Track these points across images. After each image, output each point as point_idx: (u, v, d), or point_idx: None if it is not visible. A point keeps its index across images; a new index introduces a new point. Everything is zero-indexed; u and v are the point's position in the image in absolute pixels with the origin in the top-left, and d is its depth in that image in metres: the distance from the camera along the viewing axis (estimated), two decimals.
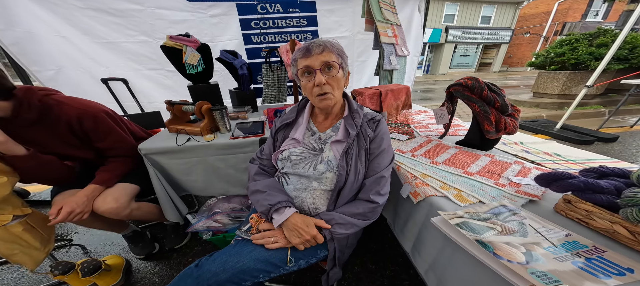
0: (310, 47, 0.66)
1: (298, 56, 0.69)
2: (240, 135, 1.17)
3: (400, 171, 0.88)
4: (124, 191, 1.01)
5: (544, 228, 0.55)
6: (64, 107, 0.88)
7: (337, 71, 0.69)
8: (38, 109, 0.84)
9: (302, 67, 0.68)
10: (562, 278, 0.42)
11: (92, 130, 0.93)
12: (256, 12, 2.07)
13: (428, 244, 0.70)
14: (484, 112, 0.90)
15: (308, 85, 0.69)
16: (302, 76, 0.70)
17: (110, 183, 0.99)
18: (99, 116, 0.95)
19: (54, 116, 0.87)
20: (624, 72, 4.07)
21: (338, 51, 0.69)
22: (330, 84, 0.68)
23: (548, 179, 0.63)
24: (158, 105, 2.08)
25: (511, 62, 18.09)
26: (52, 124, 0.87)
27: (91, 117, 0.93)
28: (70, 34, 1.81)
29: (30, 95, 0.83)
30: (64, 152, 0.95)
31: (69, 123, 0.89)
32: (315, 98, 0.70)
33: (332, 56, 0.67)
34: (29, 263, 0.89)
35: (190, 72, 1.42)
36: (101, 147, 0.99)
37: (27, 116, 0.82)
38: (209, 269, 0.60)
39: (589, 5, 13.94)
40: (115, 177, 1.01)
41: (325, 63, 0.66)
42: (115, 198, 0.96)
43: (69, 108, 0.89)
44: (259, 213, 0.74)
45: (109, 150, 1.01)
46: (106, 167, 1.01)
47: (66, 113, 0.88)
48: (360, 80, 2.63)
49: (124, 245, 1.34)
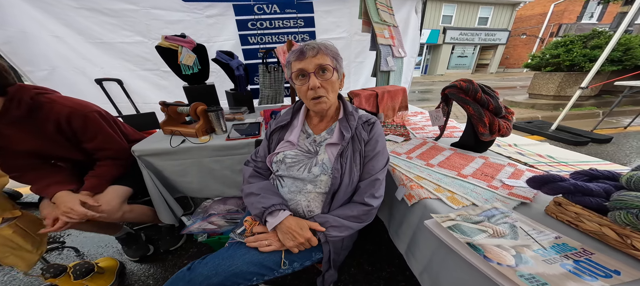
0: (304, 50, 0.66)
1: (292, 59, 0.68)
2: (237, 137, 1.17)
3: (395, 173, 0.88)
4: (116, 194, 0.99)
5: (535, 231, 0.55)
6: (55, 105, 0.87)
7: (331, 74, 0.68)
8: (28, 106, 0.82)
9: (296, 70, 0.68)
10: (549, 280, 0.42)
11: (81, 129, 0.91)
12: (253, 13, 2.07)
13: (422, 246, 0.71)
14: (478, 114, 0.91)
15: (302, 88, 0.69)
16: (296, 79, 0.69)
17: (100, 188, 0.97)
18: (90, 116, 0.93)
19: (43, 114, 0.85)
20: (617, 74, 4.13)
21: (332, 54, 0.69)
22: (324, 87, 0.68)
23: (540, 182, 0.63)
24: (153, 106, 2.05)
25: (508, 63, 18.26)
26: (40, 122, 0.85)
27: (81, 116, 0.91)
28: (64, 33, 1.79)
29: (22, 92, 0.81)
30: (50, 152, 0.92)
31: (58, 121, 0.87)
32: (310, 101, 0.70)
33: (326, 59, 0.67)
34: (21, 265, 0.88)
35: (185, 72, 1.41)
36: (90, 148, 0.97)
37: (14, 113, 0.80)
38: (201, 272, 0.60)
39: (584, 7, 14.12)
40: (105, 182, 0.99)
41: (319, 66, 0.66)
42: (106, 201, 0.95)
43: (60, 107, 0.87)
44: (253, 216, 0.73)
45: (98, 151, 0.99)
46: (95, 172, 0.99)
47: (56, 112, 0.86)
48: (357, 82, 2.63)
49: (117, 247, 1.33)
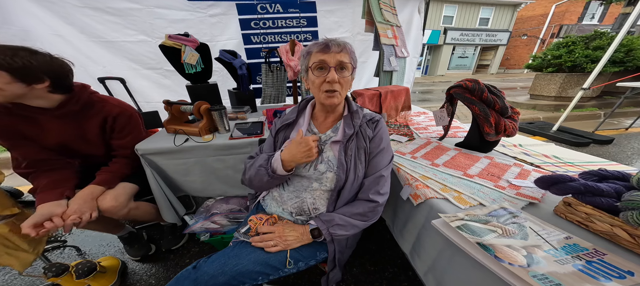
0: (330, 44, 0.65)
1: (314, 50, 0.67)
2: (239, 136, 1.16)
3: (400, 173, 0.88)
4: (124, 190, 1.00)
5: (544, 231, 0.55)
6: (107, 104, 0.97)
7: (349, 73, 0.69)
8: (84, 103, 0.91)
9: (317, 60, 0.66)
10: (563, 280, 0.41)
11: (122, 126, 1.01)
12: (256, 12, 2.06)
13: (427, 246, 0.70)
14: (484, 114, 0.90)
15: (317, 80, 0.68)
16: (315, 70, 0.68)
17: (112, 184, 0.99)
18: (134, 115, 1.06)
19: (94, 111, 0.94)
20: (619, 75, 4.12)
21: (352, 54, 0.69)
22: (340, 83, 0.68)
23: (548, 182, 0.63)
24: (156, 105, 2.05)
25: (508, 64, 18.24)
26: (88, 118, 0.94)
27: (127, 116, 1.02)
28: (67, 32, 1.79)
29: (82, 91, 0.92)
30: (77, 147, 0.97)
31: (106, 118, 0.96)
32: (322, 94, 0.69)
33: (347, 57, 0.67)
34: (16, 265, 0.86)
35: (188, 71, 1.41)
36: (117, 144, 1.03)
37: (72, 108, 0.88)
38: (206, 271, 0.60)
39: (585, 8, 14.11)
40: (117, 178, 1.01)
41: (340, 62, 0.66)
42: (114, 197, 0.95)
43: (111, 107, 0.98)
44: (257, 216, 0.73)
45: (122, 148, 1.04)
46: (109, 168, 1.01)
47: (107, 110, 0.96)
48: (359, 81, 2.63)
49: (119, 246, 1.32)
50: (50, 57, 0.79)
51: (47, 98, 0.82)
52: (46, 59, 0.78)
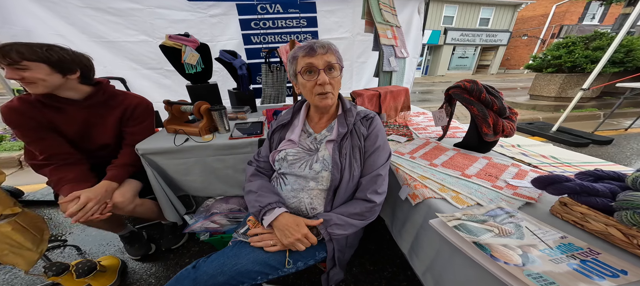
0: (315, 47, 0.66)
1: (300, 54, 0.68)
2: (239, 136, 1.17)
3: (399, 173, 0.88)
4: (130, 186, 1.03)
5: (540, 231, 0.55)
6: (128, 97, 1.07)
7: (338, 72, 0.70)
8: (109, 94, 1.01)
9: (304, 65, 0.67)
10: (557, 279, 0.42)
11: (140, 114, 1.10)
12: (256, 13, 2.07)
13: (426, 246, 0.71)
14: (482, 115, 0.91)
15: (308, 83, 0.69)
16: (304, 74, 0.69)
17: (121, 178, 1.02)
18: (150, 106, 1.15)
19: (116, 102, 1.03)
20: (619, 76, 4.12)
21: (338, 54, 0.71)
22: (331, 84, 0.69)
23: (545, 182, 0.63)
24: (156, 105, 2.02)
25: (508, 64, 18.23)
26: (110, 108, 1.02)
27: (145, 106, 1.12)
28: (68, 32, 1.80)
29: (107, 85, 1.02)
30: (93, 135, 1.02)
31: (126, 109, 1.05)
32: (316, 96, 0.70)
33: (333, 57, 0.68)
34: (21, 263, 0.87)
35: (189, 71, 1.41)
36: (130, 131, 1.08)
37: (100, 98, 0.98)
38: (206, 271, 0.60)
39: (585, 9, 14.11)
40: (126, 172, 1.05)
41: (328, 63, 0.67)
42: (121, 193, 0.98)
43: (132, 98, 1.08)
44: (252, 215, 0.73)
45: (133, 134, 1.09)
46: (117, 161, 1.04)
47: (128, 102, 1.06)
48: (359, 82, 2.63)
49: (119, 245, 1.33)
50: (73, 52, 0.88)
51: (77, 90, 0.92)
52: (71, 52, 0.87)
